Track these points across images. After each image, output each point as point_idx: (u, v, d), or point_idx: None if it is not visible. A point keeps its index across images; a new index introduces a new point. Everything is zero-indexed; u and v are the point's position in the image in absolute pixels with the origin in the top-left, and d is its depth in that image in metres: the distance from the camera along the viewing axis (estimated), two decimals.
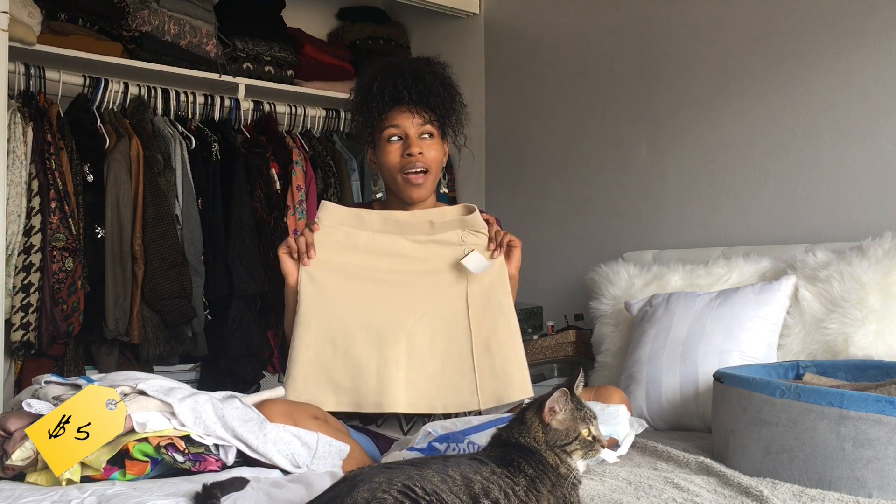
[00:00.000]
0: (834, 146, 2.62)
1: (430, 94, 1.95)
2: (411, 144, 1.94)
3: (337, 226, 1.93)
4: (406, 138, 1.95)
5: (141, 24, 3.16)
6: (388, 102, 1.93)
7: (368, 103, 1.95)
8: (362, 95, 1.98)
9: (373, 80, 1.96)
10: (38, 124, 2.78)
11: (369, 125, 1.97)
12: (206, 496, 1.38)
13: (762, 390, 1.65)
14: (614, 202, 3.21)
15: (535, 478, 1.28)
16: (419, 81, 1.95)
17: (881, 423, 1.50)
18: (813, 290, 2.24)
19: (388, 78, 1.94)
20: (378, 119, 1.95)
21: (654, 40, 3.11)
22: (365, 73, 2.04)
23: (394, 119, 1.94)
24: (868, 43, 2.54)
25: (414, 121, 1.94)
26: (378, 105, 1.94)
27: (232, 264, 3.11)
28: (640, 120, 3.14)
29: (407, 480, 1.16)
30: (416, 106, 1.94)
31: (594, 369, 2.68)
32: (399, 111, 1.94)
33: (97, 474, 1.57)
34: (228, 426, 1.63)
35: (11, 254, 2.68)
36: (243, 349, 3.13)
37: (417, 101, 1.94)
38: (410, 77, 1.95)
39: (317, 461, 1.66)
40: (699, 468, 1.69)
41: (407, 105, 1.94)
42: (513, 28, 3.66)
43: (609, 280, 2.74)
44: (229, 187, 3.18)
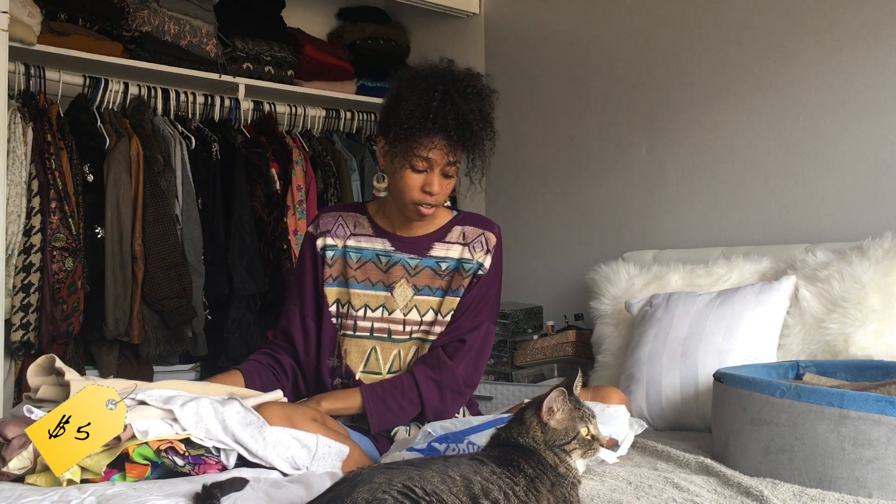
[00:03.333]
0: (834, 146, 2.62)
1: (471, 138, 1.88)
2: (433, 183, 1.88)
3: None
4: (430, 173, 1.88)
5: (141, 24, 3.16)
6: (431, 130, 1.84)
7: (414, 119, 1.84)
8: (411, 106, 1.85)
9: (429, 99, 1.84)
10: (38, 124, 2.78)
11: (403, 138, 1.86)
12: (206, 496, 1.38)
13: (762, 390, 1.65)
14: (614, 202, 3.21)
15: (534, 478, 1.28)
16: (466, 125, 1.86)
17: (881, 423, 1.50)
18: (813, 290, 2.24)
19: (442, 107, 1.83)
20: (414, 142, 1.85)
21: (655, 40, 3.11)
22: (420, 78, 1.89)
23: (428, 151, 1.85)
24: (868, 43, 2.54)
25: (444, 159, 1.88)
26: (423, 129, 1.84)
27: (232, 264, 3.11)
28: (640, 120, 3.14)
29: (407, 481, 1.16)
30: (454, 147, 1.87)
31: (594, 369, 2.68)
32: (437, 144, 1.85)
33: (97, 478, 1.57)
34: (229, 430, 1.63)
35: (11, 254, 2.68)
36: (243, 349, 3.13)
37: (457, 143, 1.86)
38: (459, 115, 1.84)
39: (316, 463, 1.67)
40: (699, 468, 1.69)
41: (447, 142, 1.86)
42: (513, 28, 3.66)
43: (609, 280, 2.74)
44: (229, 187, 3.18)
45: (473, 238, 2.05)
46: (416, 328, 2.01)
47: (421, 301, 2.01)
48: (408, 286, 2.01)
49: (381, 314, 2.00)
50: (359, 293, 2.01)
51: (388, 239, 2.04)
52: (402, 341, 2.01)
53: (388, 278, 2.02)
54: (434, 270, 2.02)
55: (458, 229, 2.07)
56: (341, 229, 2.05)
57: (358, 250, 2.03)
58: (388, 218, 2.06)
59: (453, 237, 2.06)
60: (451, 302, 2.03)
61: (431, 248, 2.04)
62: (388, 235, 2.04)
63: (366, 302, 2.01)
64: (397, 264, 2.02)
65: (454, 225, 2.07)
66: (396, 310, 2.00)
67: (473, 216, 2.12)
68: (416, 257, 2.03)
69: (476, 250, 2.04)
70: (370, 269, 2.02)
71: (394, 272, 2.02)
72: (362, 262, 2.02)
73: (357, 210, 2.10)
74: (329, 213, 2.09)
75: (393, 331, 2.00)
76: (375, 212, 2.08)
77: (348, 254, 2.03)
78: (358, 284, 2.01)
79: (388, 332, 2.00)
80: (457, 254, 2.04)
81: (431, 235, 2.05)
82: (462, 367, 1.96)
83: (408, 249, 2.03)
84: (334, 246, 2.04)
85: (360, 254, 2.03)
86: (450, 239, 2.05)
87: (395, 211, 2.02)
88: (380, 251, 2.03)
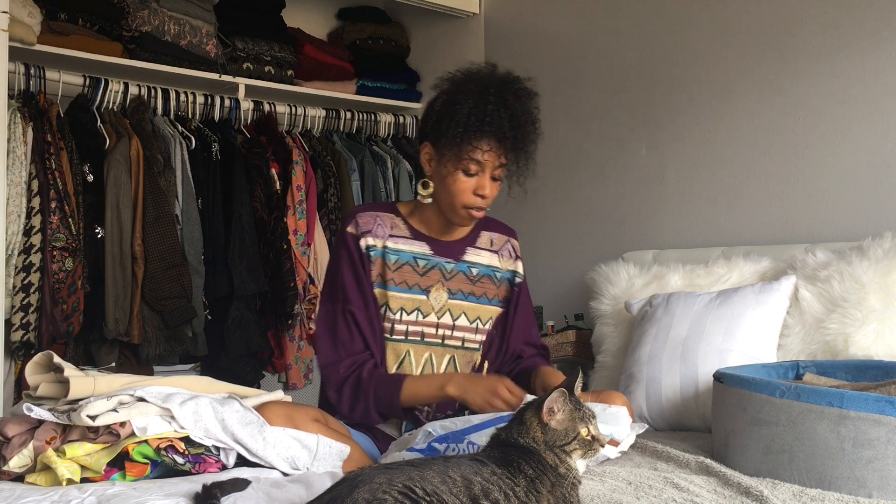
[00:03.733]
0: (834, 146, 2.62)
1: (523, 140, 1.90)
2: (485, 186, 1.89)
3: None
4: (481, 176, 1.89)
5: (141, 24, 3.15)
6: (487, 132, 1.84)
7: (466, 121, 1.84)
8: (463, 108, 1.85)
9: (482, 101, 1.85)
10: (38, 124, 2.78)
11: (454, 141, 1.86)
12: (207, 496, 1.38)
13: (762, 390, 1.65)
14: (614, 202, 3.21)
15: (534, 478, 1.28)
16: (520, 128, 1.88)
17: (881, 423, 1.50)
18: (813, 290, 2.24)
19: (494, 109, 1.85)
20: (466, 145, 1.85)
21: (655, 40, 3.11)
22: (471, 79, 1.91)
23: (481, 154, 1.86)
24: (868, 43, 2.54)
25: (496, 161, 1.88)
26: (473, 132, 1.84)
27: (232, 264, 3.11)
28: (640, 120, 3.14)
29: (407, 481, 1.16)
30: (506, 150, 1.89)
31: (594, 369, 2.68)
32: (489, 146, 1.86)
33: (97, 476, 1.57)
34: (228, 429, 1.63)
35: (11, 254, 2.68)
36: (243, 349, 3.13)
37: (510, 145, 1.88)
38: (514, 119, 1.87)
39: (317, 463, 1.67)
40: (699, 468, 1.69)
41: (499, 145, 1.87)
42: (513, 28, 3.66)
43: (609, 280, 2.74)
44: (229, 187, 3.18)
45: (501, 245, 2.11)
46: (448, 332, 2.01)
47: (454, 305, 2.02)
48: (442, 290, 2.01)
49: (416, 317, 1.99)
50: (396, 296, 1.98)
51: (426, 242, 2.02)
52: (434, 345, 2.00)
53: (424, 282, 2.00)
54: (466, 275, 2.04)
55: (486, 235, 2.10)
56: (381, 229, 2.00)
57: (396, 252, 2.00)
58: (425, 222, 2.03)
59: (483, 243, 2.09)
60: (486, 310, 2.05)
61: (465, 253, 2.05)
62: (426, 239, 2.03)
63: (402, 305, 1.98)
64: (434, 268, 2.02)
65: (481, 230, 2.09)
66: (431, 313, 2.00)
67: (494, 222, 2.14)
68: (451, 261, 2.03)
69: (504, 257, 2.10)
70: (407, 272, 1.99)
71: (431, 276, 2.01)
72: (399, 264, 1.99)
73: (391, 211, 2.05)
74: (366, 212, 2.03)
75: (426, 334, 2.00)
76: (409, 214, 2.05)
77: (387, 255, 1.99)
78: (395, 287, 1.98)
79: (420, 336, 1.99)
80: (486, 260, 2.07)
81: (464, 240, 2.06)
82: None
83: (444, 253, 2.03)
84: (374, 246, 1.98)
85: (398, 256, 1.99)
86: (480, 244, 2.08)
87: (436, 215, 2.00)
88: (418, 254, 2.01)
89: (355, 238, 1.99)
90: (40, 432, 1.61)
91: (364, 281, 1.97)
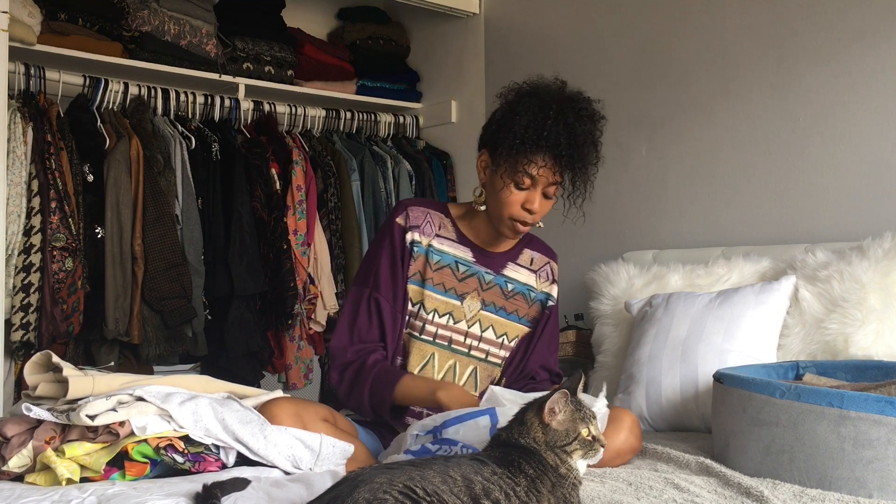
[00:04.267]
0: (834, 146, 2.62)
1: (580, 160, 1.85)
2: (534, 201, 1.87)
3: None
4: (532, 190, 1.87)
5: (141, 24, 3.15)
6: (543, 147, 1.82)
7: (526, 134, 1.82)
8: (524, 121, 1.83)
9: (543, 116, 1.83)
10: (38, 124, 2.78)
11: (511, 152, 1.84)
12: (207, 496, 1.38)
13: (762, 391, 1.65)
14: (614, 202, 3.21)
15: (535, 478, 1.28)
16: (577, 147, 1.84)
17: (881, 424, 1.50)
18: (813, 290, 2.24)
19: (556, 125, 1.82)
20: (523, 158, 1.83)
21: (654, 40, 3.11)
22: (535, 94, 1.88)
23: (536, 168, 1.83)
24: (868, 43, 2.54)
25: (549, 178, 1.86)
26: (534, 143, 1.82)
27: (232, 264, 3.11)
28: (640, 120, 3.14)
29: (408, 481, 1.16)
30: (562, 168, 1.85)
31: (594, 369, 2.68)
32: (544, 161, 1.83)
33: (97, 476, 1.57)
34: (229, 429, 1.63)
35: (11, 254, 2.68)
36: (243, 349, 3.13)
37: (566, 163, 1.85)
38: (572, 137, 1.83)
39: (320, 462, 1.66)
40: (699, 469, 1.69)
41: (554, 162, 1.84)
42: (513, 28, 3.66)
43: (609, 280, 2.74)
44: (229, 187, 3.18)
45: (540, 266, 2.10)
46: (475, 343, 2.01)
47: (485, 316, 2.01)
48: (477, 299, 2.01)
49: (447, 321, 1.98)
50: (432, 296, 1.97)
51: (470, 249, 2.02)
52: (460, 353, 1.99)
53: (461, 287, 2.00)
54: (502, 289, 2.03)
55: (528, 253, 2.09)
56: (429, 227, 1.99)
57: (440, 253, 1.99)
58: (474, 228, 2.02)
59: (524, 260, 2.08)
60: (515, 328, 2.05)
61: (505, 267, 2.05)
62: (472, 245, 2.02)
63: (436, 307, 1.97)
64: (474, 276, 2.01)
65: (524, 247, 2.09)
66: (462, 321, 1.99)
67: (538, 241, 2.14)
68: (491, 273, 2.03)
69: (542, 279, 2.09)
70: (446, 275, 1.99)
71: (468, 283, 2.00)
72: (441, 265, 1.99)
73: (442, 210, 2.04)
74: (417, 206, 2.02)
75: (454, 340, 1.99)
76: (459, 217, 2.04)
77: (431, 254, 1.98)
78: (433, 287, 1.97)
79: (448, 341, 1.99)
80: (524, 278, 2.06)
81: (507, 254, 2.05)
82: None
83: (486, 263, 2.03)
84: (420, 243, 1.98)
85: (441, 257, 1.99)
86: (521, 262, 2.07)
87: (485, 224, 1.99)
88: (460, 259, 2.01)
89: (402, 230, 1.98)
90: (40, 432, 1.61)
91: (399, 274, 1.96)
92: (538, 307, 2.07)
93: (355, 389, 1.90)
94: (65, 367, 1.69)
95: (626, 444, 1.78)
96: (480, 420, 1.61)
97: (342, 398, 1.95)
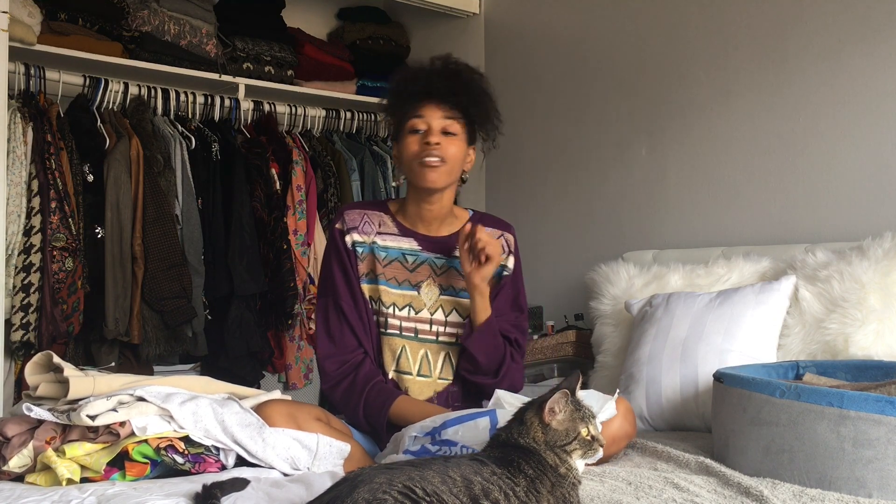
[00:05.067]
0: (834, 146, 2.62)
1: (461, 92, 1.95)
2: (431, 134, 1.93)
3: None
4: (428, 131, 1.93)
5: (141, 24, 3.15)
6: (417, 95, 1.94)
7: (400, 95, 1.96)
8: (395, 90, 1.99)
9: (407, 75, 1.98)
10: (38, 124, 2.78)
11: (397, 118, 1.97)
12: (207, 496, 1.38)
13: (762, 390, 1.65)
14: (614, 202, 3.21)
15: (535, 478, 1.28)
16: (453, 78, 1.96)
17: (881, 423, 1.50)
18: (813, 290, 2.24)
19: (422, 73, 1.95)
20: (406, 110, 1.95)
21: (655, 40, 3.11)
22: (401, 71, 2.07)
23: (420, 110, 1.94)
24: (868, 43, 2.54)
25: (438, 114, 1.93)
26: (408, 97, 1.94)
27: (232, 264, 3.11)
28: (640, 120, 3.14)
29: (407, 481, 1.16)
30: (444, 101, 1.93)
31: (594, 369, 2.68)
32: (426, 104, 1.94)
33: (97, 476, 1.57)
34: (228, 431, 1.63)
35: (11, 254, 2.68)
36: (243, 349, 3.13)
37: (445, 96, 1.93)
38: (444, 74, 1.95)
39: (318, 462, 1.66)
40: (699, 468, 1.69)
41: (435, 99, 1.93)
42: (513, 28, 3.66)
43: (609, 280, 2.73)
44: (229, 187, 3.18)
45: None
46: (441, 329, 2.01)
47: (446, 301, 2.02)
48: (434, 286, 2.02)
49: (409, 313, 2.00)
50: (387, 290, 1.99)
51: (414, 238, 2.03)
52: (429, 342, 2.00)
53: (414, 277, 2.01)
54: (458, 271, 2.02)
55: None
56: (368, 226, 2.03)
57: (385, 248, 2.02)
58: (410, 217, 2.05)
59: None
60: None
61: (455, 249, 2.04)
62: (414, 234, 2.04)
63: (393, 300, 1.99)
64: (424, 263, 2.02)
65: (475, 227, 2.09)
66: (423, 309, 2.00)
67: (489, 217, 2.14)
68: (442, 257, 2.03)
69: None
70: (396, 269, 2.01)
71: (420, 271, 2.02)
72: (389, 260, 2.01)
73: (379, 208, 2.08)
74: (353, 209, 2.07)
75: (420, 330, 2.00)
76: (397, 211, 2.07)
77: (376, 251, 2.01)
78: (386, 282, 2.00)
79: (414, 332, 2.00)
80: None
81: (454, 236, 2.05)
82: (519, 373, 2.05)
83: (434, 249, 2.03)
84: (362, 242, 2.01)
85: (387, 252, 2.01)
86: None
87: (414, 204, 2.03)
88: (406, 250, 2.02)
89: (342, 234, 2.03)
90: (40, 432, 1.61)
91: (352, 276, 2.00)
92: (495, 280, 2.04)
93: (349, 406, 1.94)
94: (65, 367, 1.69)
95: (620, 431, 1.79)
96: (480, 421, 1.61)
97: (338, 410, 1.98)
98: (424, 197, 2.00)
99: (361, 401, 1.91)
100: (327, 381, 1.98)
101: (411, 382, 1.97)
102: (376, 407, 1.90)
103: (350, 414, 1.95)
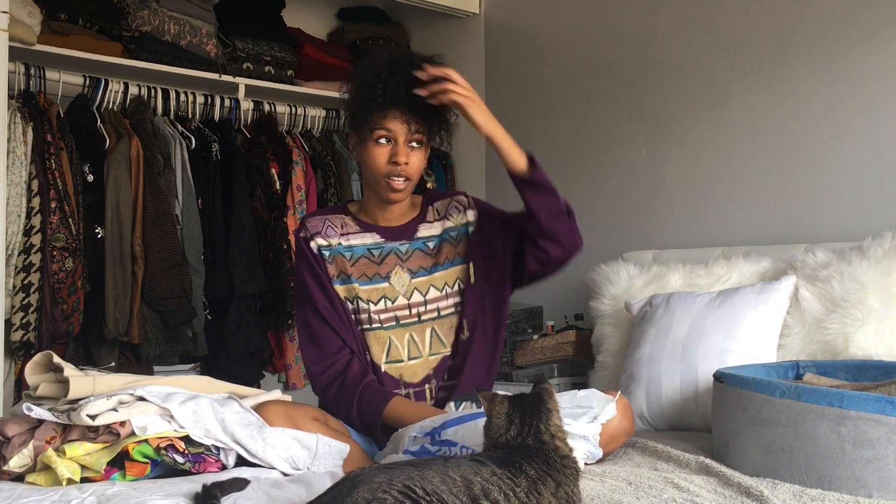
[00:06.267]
0: (834, 146, 2.62)
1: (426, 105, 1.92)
2: (399, 153, 1.92)
3: None
4: (395, 144, 1.93)
5: (141, 24, 3.15)
6: (384, 104, 1.91)
7: (366, 97, 1.93)
8: (361, 88, 1.95)
9: (375, 76, 1.92)
10: (38, 124, 2.78)
11: (362, 118, 1.95)
12: (206, 496, 1.38)
13: (762, 390, 1.65)
14: (614, 202, 3.21)
15: (536, 479, 1.28)
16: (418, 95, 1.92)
17: (881, 423, 1.50)
18: (813, 290, 2.24)
19: (391, 79, 1.91)
20: (372, 118, 1.93)
21: (655, 40, 3.11)
22: (365, 63, 2.03)
23: (387, 122, 1.92)
24: (868, 43, 2.54)
25: (406, 128, 1.92)
26: (376, 104, 1.91)
27: (232, 264, 3.11)
28: (640, 120, 3.14)
29: (407, 481, 1.16)
30: (411, 115, 1.92)
31: (594, 369, 2.68)
32: (393, 116, 1.92)
33: (97, 476, 1.57)
34: (228, 430, 1.63)
35: (11, 254, 2.68)
36: (243, 349, 3.13)
37: (412, 109, 1.91)
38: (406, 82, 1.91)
39: (317, 462, 1.67)
40: (699, 468, 1.69)
41: (402, 111, 1.91)
42: (513, 28, 3.66)
43: (609, 280, 2.74)
44: (229, 187, 3.18)
45: (446, 208, 2.11)
46: (422, 308, 2.02)
47: (419, 282, 2.03)
48: (403, 272, 2.03)
49: (385, 305, 2.01)
50: (361, 288, 2.01)
51: (376, 231, 2.05)
52: (411, 324, 2.01)
53: (383, 269, 2.03)
54: (423, 251, 2.05)
55: (433, 208, 2.12)
56: (331, 230, 2.04)
57: (350, 248, 2.03)
58: (370, 213, 2.07)
59: (431, 216, 2.10)
60: (450, 273, 2.06)
61: (417, 231, 2.07)
62: (376, 228, 2.06)
63: (368, 296, 2.01)
64: (390, 253, 2.04)
65: (428, 206, 2.12)
66: (398, 297, 2.02)
67: (440, 193, 2.17)
68: (405, 242, 2.05)
69: (453, 216, 2.10)
70: (364, 265, 2.03)
71: (388, 262, 2.04)
72: (356, 258, 2.03)
73: (340, 212, 2.10)
74: (314, 216, 2.09)
75: (400, 317, 2.01)
76: (358, 210, 2.10)
77: (342, 252, 2.03)
78: (357, 280, 2.02)
79: (395, 320, 2.01)
80: (438, 230, 2.08)
81: (415, 220, 2.08)
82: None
83: (396, 237, 2.05)
84: (328, 246, 2.03)
85: (353, 251, 2.03)
86: (429, 219, 2.09)
87: (374, 200, 2.04)
88: (370, 245, 2.04)
89: (306, 241, 2.05)
90: (40, 432, 1.62)
91: (323, 279, 2.01)
92: (464, 241, 2.07)
93: (342, 409, 1.95)
94: (66, 367, 1.69)
95: (619, 428, 1.79)
96: (480, 421, 1.61)
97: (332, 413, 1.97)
98: (386, 202, 2.02)
99: (354, 404, 1.92)
100: (318, 386, 2.00)
101: (405, 368, 1.99)
102: (369, 410, 1.90)
103: (344, 417, 1.95)
